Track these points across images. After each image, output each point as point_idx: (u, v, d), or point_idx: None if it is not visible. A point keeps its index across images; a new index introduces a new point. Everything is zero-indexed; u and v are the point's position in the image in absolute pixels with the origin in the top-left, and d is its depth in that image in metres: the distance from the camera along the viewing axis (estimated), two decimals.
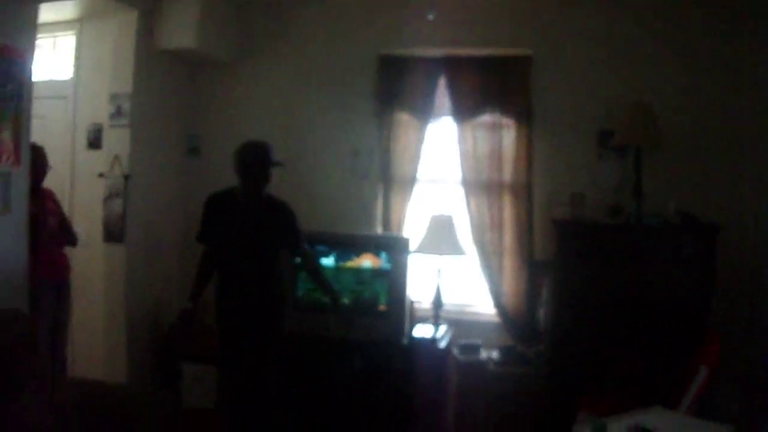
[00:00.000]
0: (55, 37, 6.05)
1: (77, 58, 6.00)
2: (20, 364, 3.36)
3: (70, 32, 6.02)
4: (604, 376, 4.73)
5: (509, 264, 5.53)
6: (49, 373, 4.06)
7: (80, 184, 5.75)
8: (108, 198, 5.54)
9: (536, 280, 5.44)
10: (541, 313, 5.37)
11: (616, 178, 5.33)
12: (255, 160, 4.44)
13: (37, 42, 4.43)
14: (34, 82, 4.41)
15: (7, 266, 4.20)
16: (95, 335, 5.67)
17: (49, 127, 5.56)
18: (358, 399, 4.90)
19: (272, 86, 6.18)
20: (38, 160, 4.79)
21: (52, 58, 6.05)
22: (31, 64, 4.32)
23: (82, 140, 5.88)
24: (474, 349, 5.31)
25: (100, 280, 5.64)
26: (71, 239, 5.18)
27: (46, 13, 4.75)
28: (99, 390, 4.17)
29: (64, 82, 5.98)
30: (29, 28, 4.35)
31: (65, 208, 5.41)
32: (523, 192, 5.50)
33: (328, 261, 5.20)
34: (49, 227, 4.93)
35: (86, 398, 3.91)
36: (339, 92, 5.97)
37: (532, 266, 5.48)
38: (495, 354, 5.33)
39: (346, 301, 4.89)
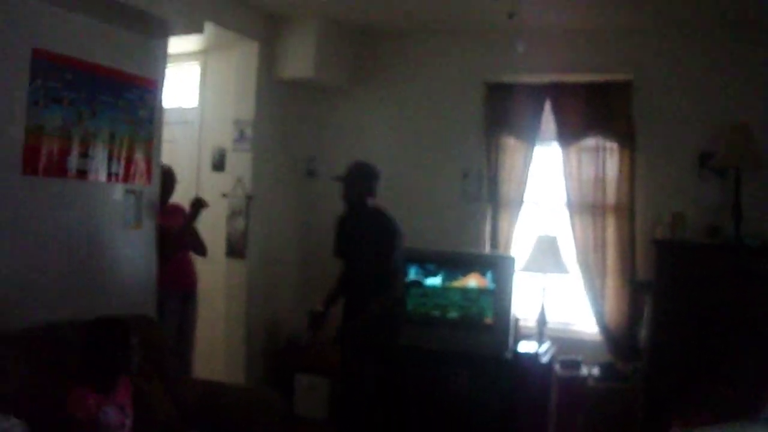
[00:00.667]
0: (183, 67, 7.06)
1: (202, 86, 7.01)
2: (149, 364, 4.28)
3: (196, 63, 7.03)
4: (700, 394, 5.20)
5: (611, 283, 6.19)
6: (174, 373, 4.96)
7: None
8: (231, 216, 6.48)
9: (638, 300, 6.07)
10: (642, 331, 6.02)
11: (716, 199, 5.89)
12: (349, 173, 5.38)
13: (167, 71, 5.37)
14: (165, 109, 5.29)
15: (138, 276, 5.05)
16: (216, 344, 6.58)
17: (177, 151, 6.51)
18: (463, 410, 5.64)
19: (385, 111, 7.09)
20: (167, 179, 5.68)
21: (180, 87, 7.03)
22: (161, 92, 5.12)
23: (207, 163, 6.86)
24: (575, 365, 5.97)
25: (222, 292, 6.57)
26: (201, 249, 6.01)
27: (173, 46, 5.54)
28: (219, 390, 5.02)
29: (191, 109, 6.98)
30: (160, 59, 5.12)
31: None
32: (626, 213, 6.14)
33: (435, 280, 6.04)
34: (177, 241, 5.80)
35: (207, 397, 4.79)
36: (448, 118, 6.82)
37: (633, 286, 6.11)
38: (595, 370, 5.97)
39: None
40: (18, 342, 3.87)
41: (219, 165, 6.80)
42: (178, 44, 6.03)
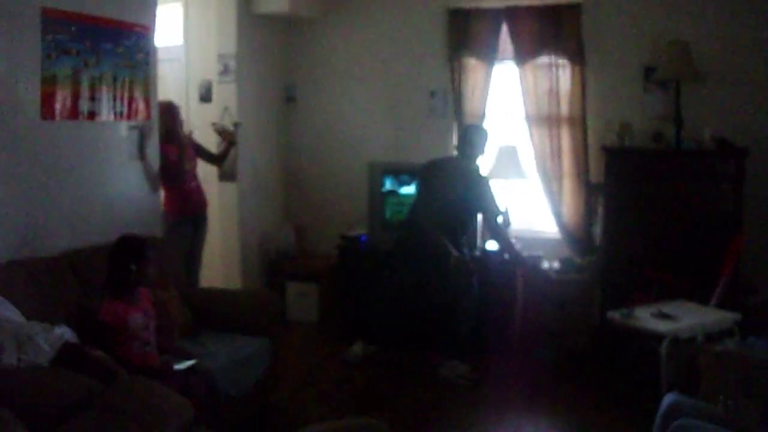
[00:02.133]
0: (167, 8, 7.24)
1: (186, 25, 7.41)
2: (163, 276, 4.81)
3: (178, 3, 7.39)
4: (649, 280, 5.84)
5: (568, 187, 6.76)
6: (185, 283, 5.50)
7: (196, 133, 6.85)
8: (220, 143, 6.95)
9: (592, 200, 6.68)
10: (596, 228, 6.65)
11: (659, 109, 6.40)
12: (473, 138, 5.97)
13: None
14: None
15: (144, 202, 5.53)
16: (214, 259, 7.10)
17: (167, 86, 6.90)
18: (441, 304, 6.05)
19: (356, 39, 7.56)
20: (175, 114, 6.19)
21: (166, 28, 7.28)
22: (154, 35, 5.48)
23: (194, 95, 7.34)
24: (537, 259, 6.58)
25: (217, 213, 7.05)
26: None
27: None
28: (225, 295, 5.69)
29: (177, 47, 7.38)
30: (151, 6, 5.49)
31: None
32: (578, 123, 6.66)
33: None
34: (187, 170, 6.27)
35: (215, 301, 5.37)
36: (415, 42, 7.30)
37: (587, 188, 6.69)
38: (555, 264, 6.60)
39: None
40: (55, 265, 4.46)
41: (206, 97, 7.27)
42: None
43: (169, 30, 7.39)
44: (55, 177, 4.72)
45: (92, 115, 4.98)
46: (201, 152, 6.56)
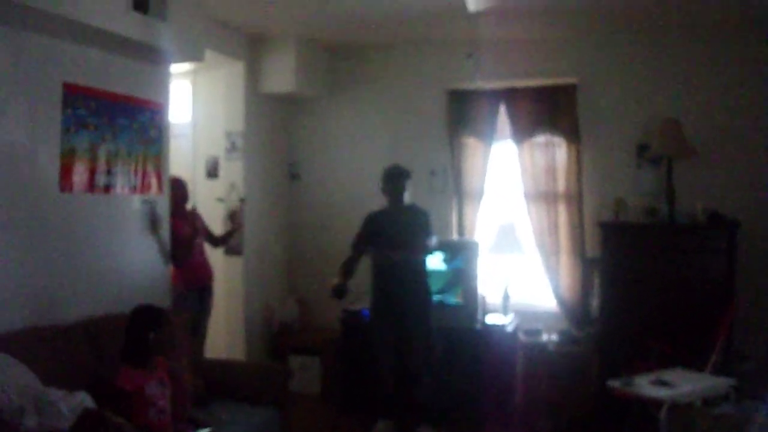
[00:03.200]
0: (175, 86, 7.44)
1: (194, 103, 7.62)
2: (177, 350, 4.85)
3: (187, 81, 7.60)
4: (645, 350, 5.92)
5: (565, 261, 6.93)
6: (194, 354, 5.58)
7: (201, 208, 6.94)
8: (226, 218, 7.10)
9: (588, 274, 6.82)
10: (593, 301, 6.77)
11: (652, 185, 6.59)
12: (391, 179, 5.93)
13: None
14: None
15: (155, 274, 5.61)
16: (218, 330, 7.17)
17: (174, 161, 6.82)
18: (441, 377, 6.15)
19: (359, 118, 7.79)
20: (183, 189, 6.35)
21: (175, 105, 7.48)
22: (167, 112, 5.66)
23: (201, 171, 7.49)
24: (536, 333, 6.73)
25: (222, 286, 7.17)
26: (222, 240, 6.80)
27: None
28: (234, 366, 5.81)
29: (185, 123, 7.54)
30: (165, 83, 5.66)
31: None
32: (575, 200, 6.86)
33: None
34: (198, 244, 6.41)
35: (225, 372, 5.50)
36: (415, 122, 7.53)
37: (584, 262, 6.84)
38: (554, 337, 6.73)
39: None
40: (72, 333, 4.57)
41: (213, 172, 7.43)
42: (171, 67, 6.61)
43: (177, 106, 7.48)
44: (72, 247, 4.82)
45: (108, 188, 5.11)
46: (209, 236, 6.74)
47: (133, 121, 5.32)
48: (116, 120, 5.16)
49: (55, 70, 4.64)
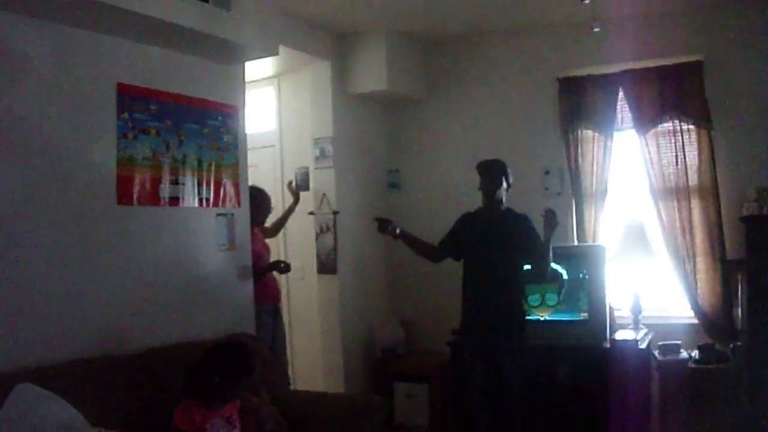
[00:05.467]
0: (259, 92, 7.35)
1: (279, 109, 7.33)
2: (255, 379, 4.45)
3: (271, 87, 7.35)
4: None
5: (702, 265, 6.29)
6: (279, 386, 5.15)
7: (292, 223, 6.80)
8: (319, 233, 6.77)
9: (730, 279, 6.17)
10: (737, 310, 6.10)
11: None
12: (487, 169, 5.48)
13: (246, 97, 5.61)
14: (246, 134, 5.63)
15: (235, 294, 5.30)
16: (315, 358, 6.87)
17: (261, 174, 6.81)
18: (566, 402, 5.78)
19: (461, 117, 7.33)
20: (264, 201, 6.03)
21: (258, 113, 7.32)
22: (243, 116, 5.36)
23: None
24: (674, 349, 6.07)
25: (316, 308, 6.86)
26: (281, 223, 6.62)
27: (248, 72, 5.73)
28: (323, 398, 5.17)
29: (270, 132, 7.30)
30: (239, 85, 5.38)
31: (281, 245, 6.71)
32: (710, 193, 6.25)
33: None
34: (266, 259, 6.08)
35: (312, 405, 4.93)
36: (524, 117, 7.03)
37: (725, 266, 6.20)
38: (694, 353, 6.05)
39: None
40: (130, 365, 4.19)
41: (303, 184, 7.06)
42: (252, 70, 6.33)
43: (262, 115, 7.36)
44: (133, 267, 4.50)
45: (175, 200, 4.80)
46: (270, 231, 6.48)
47: (203, 126, 5.02)
48: (182, 125, 4.86)
49: (107, 70, 4.37)
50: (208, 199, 5.05)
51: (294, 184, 6.79)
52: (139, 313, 4.51)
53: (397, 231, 5.56)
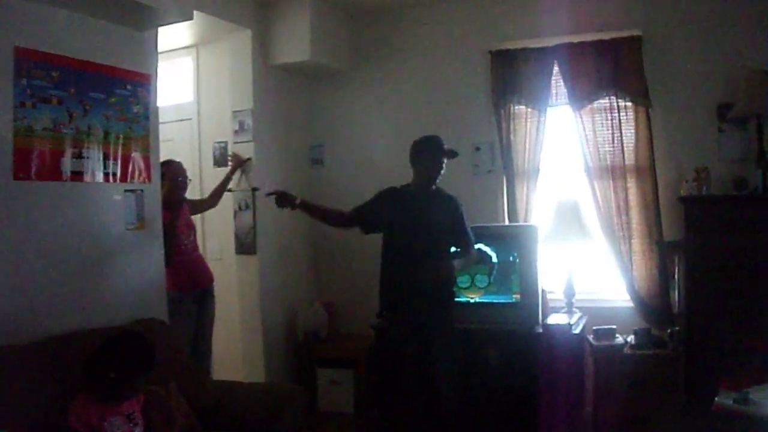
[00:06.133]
0: (176, 63, 6.99)
1: (197, 80, 6.93)
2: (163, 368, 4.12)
3: (189, 57, 6.96)
4: (745, 352, 5.05)
5: (638, 247, 6.05)
6: (191, 376, 4.79)
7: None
8: (238, 211, 6.40)
9: (667, 261, 5.96)
10: (675, 293, 5.91)
11: (738, 151, 5.79)
12: (426, 149, 5.12)
13: (159, 68, 5.25)
14: (161, 107, 5.24)
15: (146, 278, 4.95)
16: (234, 344, 6.50)
17: (177, 149, 6.46)
18: (496, 389, 5.49)
19: (389, 90, 6.99)
20: (179, 175, 5.66)
21: (175, 84, 6.96)
22: (155, 86, 5.00)
23: (208, 158, 6.80)
24: (610, 334, 5.81)
25: (235, 291, 6.49)
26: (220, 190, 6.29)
27: (165, 41, 5.50)
28: (238, 389, 4.85)
29: (188, 104, 6.91)
30: (151, 52, 5.01)
31: (197, 224, 6.26)
32: (647, 172, 6.00)
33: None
34: (186, 238, 5.74)
35: (226, 397, 4.62)
36: (454, 91, 6.71)
37: (661, 247, 5.98)
38: (630, 338, 5.80)
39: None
40: (30, 354, 3.80)
41: (221, 159, 6.72)
42: (169, 39, 6.05)
43: (179, 87, 7.00)
44: (32, 249, 4.14)
45: (78, 175, 4.44)
46: (196, 206, 6.12)
47: (110, 95, 4.64)
48: (88, 93, 4.47)
49: (3, 32, 3.99)
50: (115, 174, 4.70)
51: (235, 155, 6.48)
52: (37, 298, 4.13)
53: (297, 201, 5.18)
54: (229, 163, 6.43)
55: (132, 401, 3.62)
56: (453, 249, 5.17)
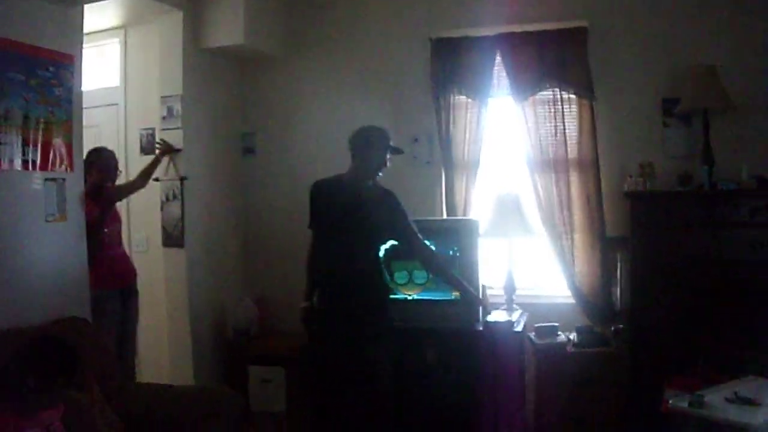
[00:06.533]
0: (102, 45, 6.67)
1: (124, 64, 6.61)
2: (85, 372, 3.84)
3: (116, 39, 6.63)
4: (691, 351, 4.97)
5: (581, 243, 5.90)
6: (117, 380, 4.51)
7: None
8: (165, 202, 6.08)
9: (610, 258, 5.83)
10: (617, 290, 5.78)
11: (683, 146, 5.72)
12: (374, 142, 4.85)
13: (84, 50, 4.94)
14: (86, 91, 4.95)
15: (66, 275, 4.68)
16: (160, 341, 6.20)
17: (102, 135, 6.20)
18: (435, 390, 5.28)
19: (325, 78, 6.70)
20: (110, 163, 5.39)
21: (101, 67, 6.63)
22: (79, 67, 4.76)
23: (135, 146, 6.48)
24: (551, 331, 5.66)
25: (162, 286, 6.18)
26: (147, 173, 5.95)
27: (91, 21, 5.21)
28: (166, 393, 4.62)
29: (114, 88, 6.58)
30: (75, 31, 4.77)
31: (122, 214, 5.98)
32: (590, 167, 5.85)
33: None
34: (111, 232, 5.46)
35: (154, 402, 4.39)
36: (393, 80, 6.47)
37: (604, 243, 5.84)
38: (573, 336, 5.68)
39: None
40: None
41: (148, 147, 6.40)
42: (95, 19, 5.78)
43: (105, 70, 6.69)
44: None
45: None
46: (125, 189, 5.83)
47: (30, 76, 4.40)
48: (5, 74, 4.24)
49: None
50: (34, 162, 4.46)
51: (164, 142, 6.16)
52: None
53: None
54: (157, 151, 6.10)
55: (51, 411, 3.32)
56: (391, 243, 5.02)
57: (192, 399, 4.53)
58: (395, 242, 5.04)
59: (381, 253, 5.05)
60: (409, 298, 5.56)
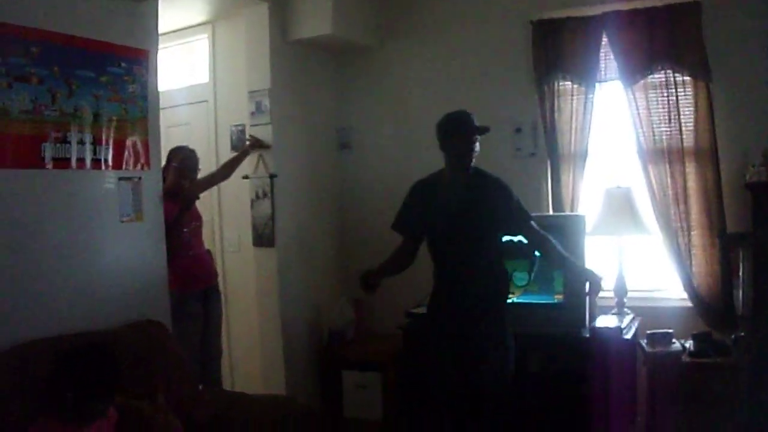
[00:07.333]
0: (191, 42, 6.60)
1: (214, 59, 6.49)
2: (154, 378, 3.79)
3: (204, 35, 6.53)
4: None
5: (698, 240, 5.51)
6: (189, 386, 4.35)
7: (226, 188, 6.13)
8: (255, 200, 5.91)
9: (730, 256, 5.37)
10: (739, 293, 5.26)
11: None
12: (451, 129, 4.54)
13: (174, 48, 4.77)
14: (175, 89, 4.79)
15: (144, 276, 4.54)
16: (252, 345, 6.09)
17: (193, 133, 6.13)
18: (539, 400, 5.00)
19: (421, 68, 6.43)
20: (189, 162, 5.26)
21: (191, 64, 6.55)
22: (155, 63, 4.61)
23: (225, 142, 6.36)
24: (665, 339, 5.26)
25: (253, 287, 6.04)
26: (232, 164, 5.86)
27: (178, 18, 5.13)
28: (239, 402, 4.45)
29: (204, 85, 6.48)
30: (149, 25, 4.63)
31: (214, 213, 6.00)
32: (708, 156, 5.45)
33: None
34: (191, 231, 5.32)
35: (225, 412, 4.22)
36: (493, 67, 6.13)
37: (724, 240, 5.40)
38: (688, 343, 5.26)
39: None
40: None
41: (239, 144, 6.26)
42: (182, 15, 5.79)
43: (193, 68, 6.62)
44: (9, 245, 3.78)
45: (63, 162, 4.06)
46: (207, 182, 5.71)
47: (100, 73, 4.24)
48: (74, 71, 4.08)
49: None
50: (107, 161, 4.30)
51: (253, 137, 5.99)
52: (24, 299, 3.81)
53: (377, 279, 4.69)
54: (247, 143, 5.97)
55: (102, 421, 3.28)
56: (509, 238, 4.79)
57: (267, 410, 4.38)
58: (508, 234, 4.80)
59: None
60: (509, 301, 5.16)
